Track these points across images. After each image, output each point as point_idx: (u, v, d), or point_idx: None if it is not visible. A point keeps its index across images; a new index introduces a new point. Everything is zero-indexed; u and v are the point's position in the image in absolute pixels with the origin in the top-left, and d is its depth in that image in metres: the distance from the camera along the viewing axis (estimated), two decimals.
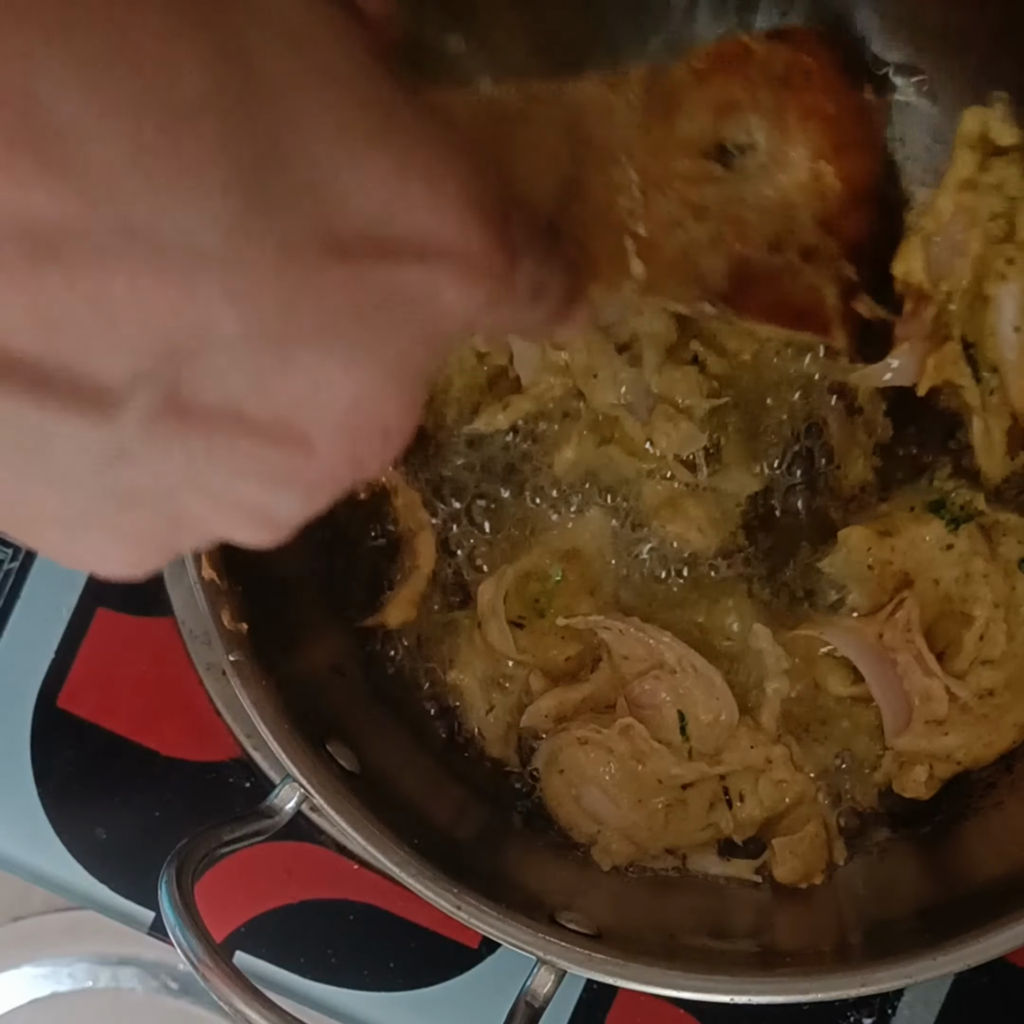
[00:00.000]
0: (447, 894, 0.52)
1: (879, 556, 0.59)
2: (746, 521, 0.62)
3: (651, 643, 0.60)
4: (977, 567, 0.58)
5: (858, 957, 0.54)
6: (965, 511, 0.59)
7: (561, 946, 0.53)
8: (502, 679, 0.63)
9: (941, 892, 0.58)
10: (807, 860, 0.60)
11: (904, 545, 0.59)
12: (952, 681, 0.58)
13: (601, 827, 0.61)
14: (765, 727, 0.60)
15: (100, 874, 0.66)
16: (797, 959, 0.55)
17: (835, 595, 0.61)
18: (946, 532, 0.59)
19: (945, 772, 0.60)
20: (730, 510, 0.62)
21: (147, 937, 0.66)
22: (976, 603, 0.58)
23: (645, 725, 0.60)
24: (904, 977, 0.52)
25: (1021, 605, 0.59)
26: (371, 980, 0.66)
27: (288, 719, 0.53)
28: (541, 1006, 0.53)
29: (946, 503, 0.60)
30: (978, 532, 0.59)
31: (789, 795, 0.61)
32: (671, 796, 0.60)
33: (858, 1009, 0.64)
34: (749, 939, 0.58)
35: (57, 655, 0.66)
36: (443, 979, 0.65)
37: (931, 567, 0.59)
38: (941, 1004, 0.63)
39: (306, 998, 0.66)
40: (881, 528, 0.60)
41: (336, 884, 0.66)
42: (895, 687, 0.59)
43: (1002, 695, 0.59)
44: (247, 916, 0.66)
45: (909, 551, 0.59)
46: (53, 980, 0.68)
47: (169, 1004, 0.68)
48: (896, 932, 0.56)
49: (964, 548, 0.59)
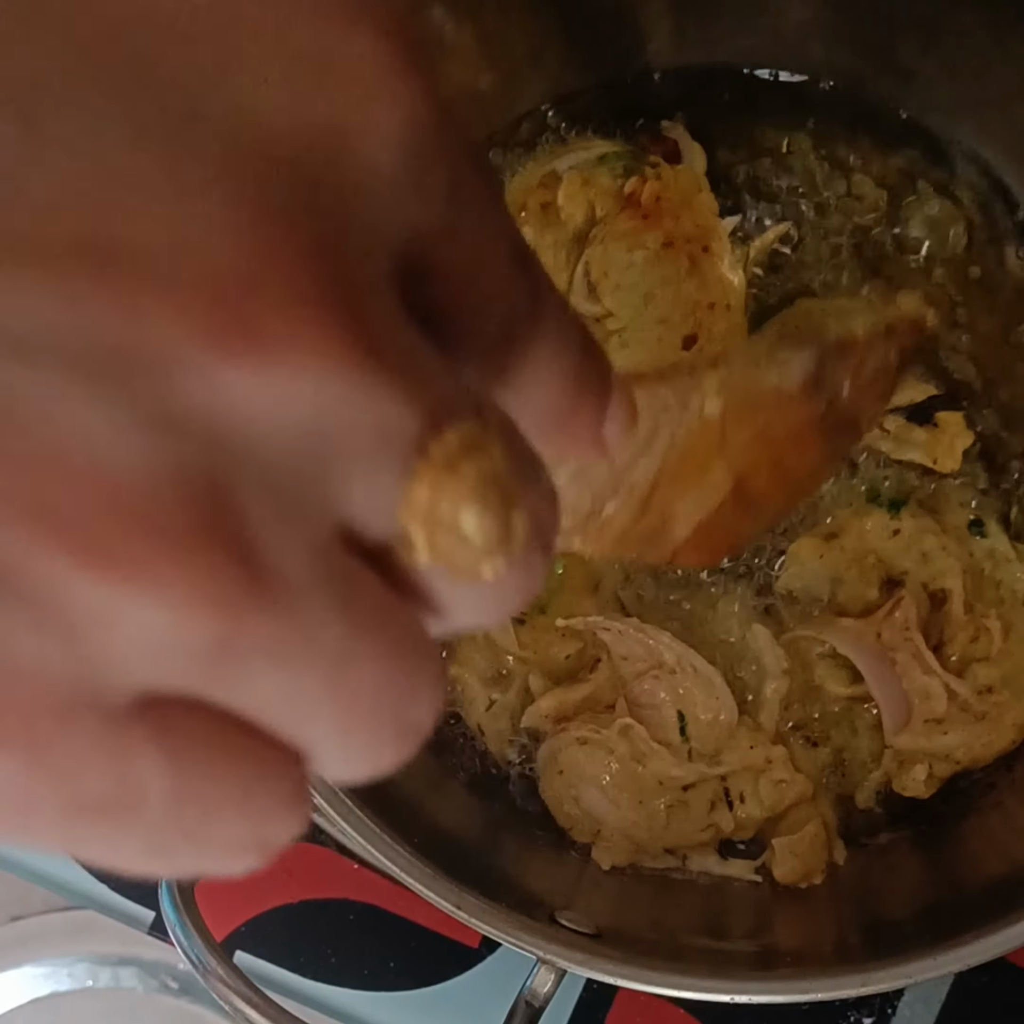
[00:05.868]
0: (447, 894, 0.52)
1: (832, 559, 0.60)
2: None
3: (650, 643, 0.60)
4: (930, 543, 0.59)
5: (858, 957, 0.54)
6: (900, 493, 0.60)
7: (561, 946, 0.53)
8: (502, 676, 0.63)
9: (941, 892, 0.58)
10: (807, 860, 0.61)
11: (852, 542, 0.60)
12: (951, 678, 0.58)
13: (601, 827, 0.61)
14: (765, 727, 0.61)
15: (100, 874, 0.66)
16: (797, 959, 0.55)
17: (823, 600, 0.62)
18: (889, 519, 0.60)
19: (944, 771, 0.60)
20: None
21: (147, 937, 0.66)
22: (946, 576, 0.59)
23: (645, 725, 0.60)
24: (904, 977, 0.52)
25: (983, 568, 0.60)
26: (371, 980, 0.66)
27: None
28: (541, 1006, 0.53)
29: (880, 491, 0.60)
30: (920, 510, 0.60)
31: (789, 795, 0.61)
32: (672, 797, 0.60)
33: (858, 1009, 0.64)
34: (749, 939, 0.58)
35: None
36: (443, 979, 0.65)
37: (895, 557, 0.60)
38: (941, 1004, 0.63)
39: (306, 998, 0.66)
40: (826, 532, 0.60)
41: (336, 884, 0.66)
42: (894, 686, 0.59)
43: (1001, 693, 0.59)
44: (247, 916, 0.66)
45: (859, 546, 0.60)
46: (53, 980, 0.68)
47: (169, 1004, 0.68)
48: (896, 932, 0.56)
49: (911, 529, 0.59)
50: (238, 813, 0.18)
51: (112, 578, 0.15)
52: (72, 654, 0.16)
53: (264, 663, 0.17)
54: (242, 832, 0.19)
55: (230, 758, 0.18)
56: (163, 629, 0.16)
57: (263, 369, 0.16)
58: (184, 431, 0.16)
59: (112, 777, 0.17)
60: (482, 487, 0.18)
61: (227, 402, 0.16)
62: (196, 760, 0.17)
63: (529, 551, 0.19)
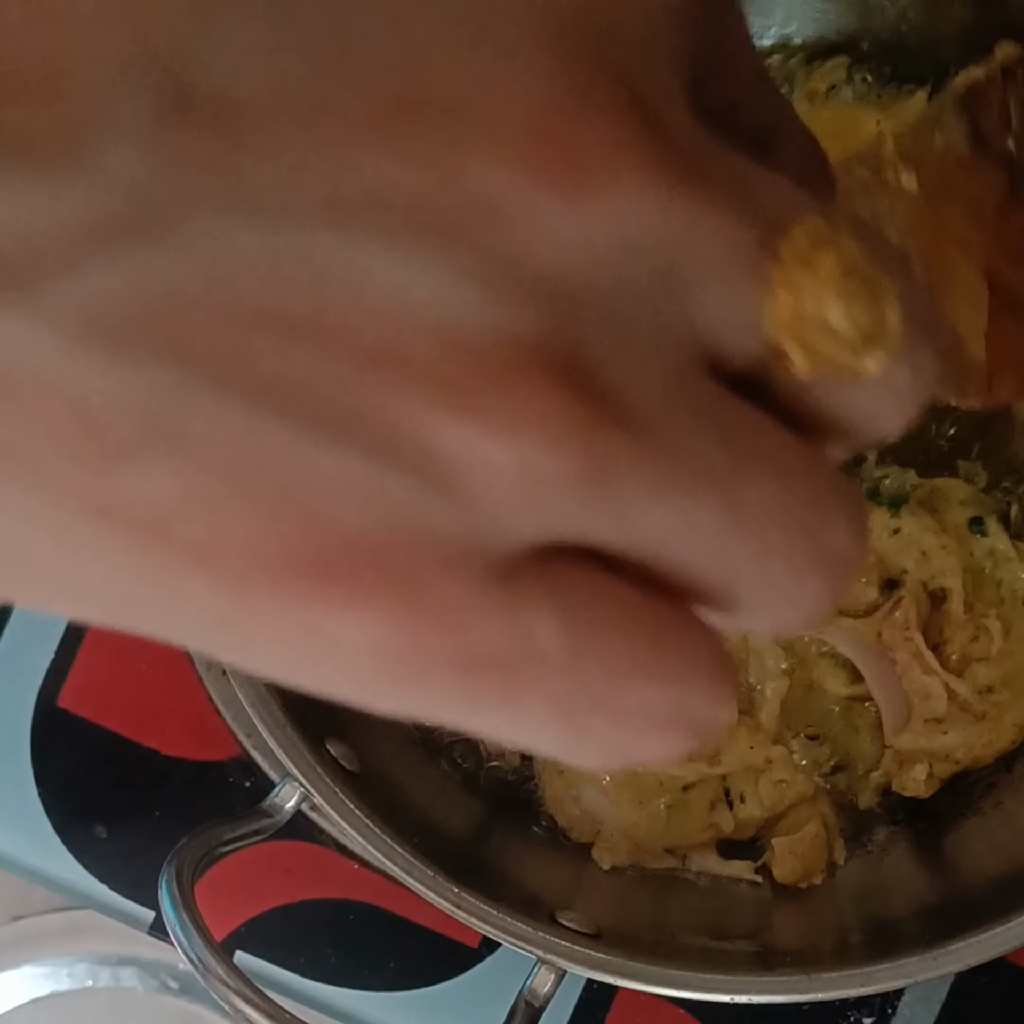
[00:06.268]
0: (447, 894, 0.52)
1: None
2: None
3: None
4: (930, 542, 0.59)
5: (858, 957, 0.54)
6: (900, 491, 0.60)
7: (561, 946, 0.53)
8: None
9: (941, 892, 0.58)
10: (807, 860, 0.60)
11: None
12: (951, 678, 0.58)
13: (601, 827, 0.61)
14: (765, 727, 0.60)
15: (100, 874, 0.66)
16: (797, 959, 0.55)
17: None
18: (889, 518, 0.59)
19: (945, 771, 0.60)
20: None
21: (147, 937, 0.66)
22: (945, 575, 0.59)
23: None
24: (904, 977, 0.52)
25: (983, 567, 0.60)
26: (371, 980, 0.66)
27: (288, 718, 0.53)
28: (541, 1006, 0.53)
29: (880, 489, 0.60)
30: (920, 508, 0.60)
31: (789, 795, 0.61)
32: (672, 797, 0.60)
33: (858, 1009, 0.64)
34: (749, 939, 0.58)
35: (57, 655, 0.66)
36: (443, 979, 0.65)
37: (894, 556, 0.60)
38: (941, 1004, 0.63)
39: (306, 998, 0.66)
40: None
41: (336, 884, 0.66)
42: (894, 686, 0.59)
43: (1001, 693, 0.59)
44: (247, 916, 0.66)
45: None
46: (53, 980, 0.68)
47: (169, 1004, 0.68)
48: (896, 932, 0.56)
49: (911, 528, 0.59)
50: (650, 677, 0.17)
51: (474, 416, 0.15)
52: (450, 501, 0.16)
53: (646, 494, 0.16)
54: (661, 702, 0.17)
55: (633, 614, 0.17)
56: (533, 464, 0.16)
57: (595, 203, 0.16)
58: (522, 277, 0.16)
59: (506, 632, 0.16)
60: (843, 277, 0.17)
61: (563, 242, 0.16)
62: (595, 615, 0.17)
63: (911, 343, 0.18)
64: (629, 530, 0.17)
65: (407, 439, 0.15)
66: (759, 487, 0.17)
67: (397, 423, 0.15)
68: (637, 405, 0.16)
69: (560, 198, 0.16)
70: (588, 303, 0.16)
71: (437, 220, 0.16)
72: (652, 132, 0.16)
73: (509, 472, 0.16)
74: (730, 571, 0.17)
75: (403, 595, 0.16)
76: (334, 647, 0.16)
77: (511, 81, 0.16)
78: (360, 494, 0.15)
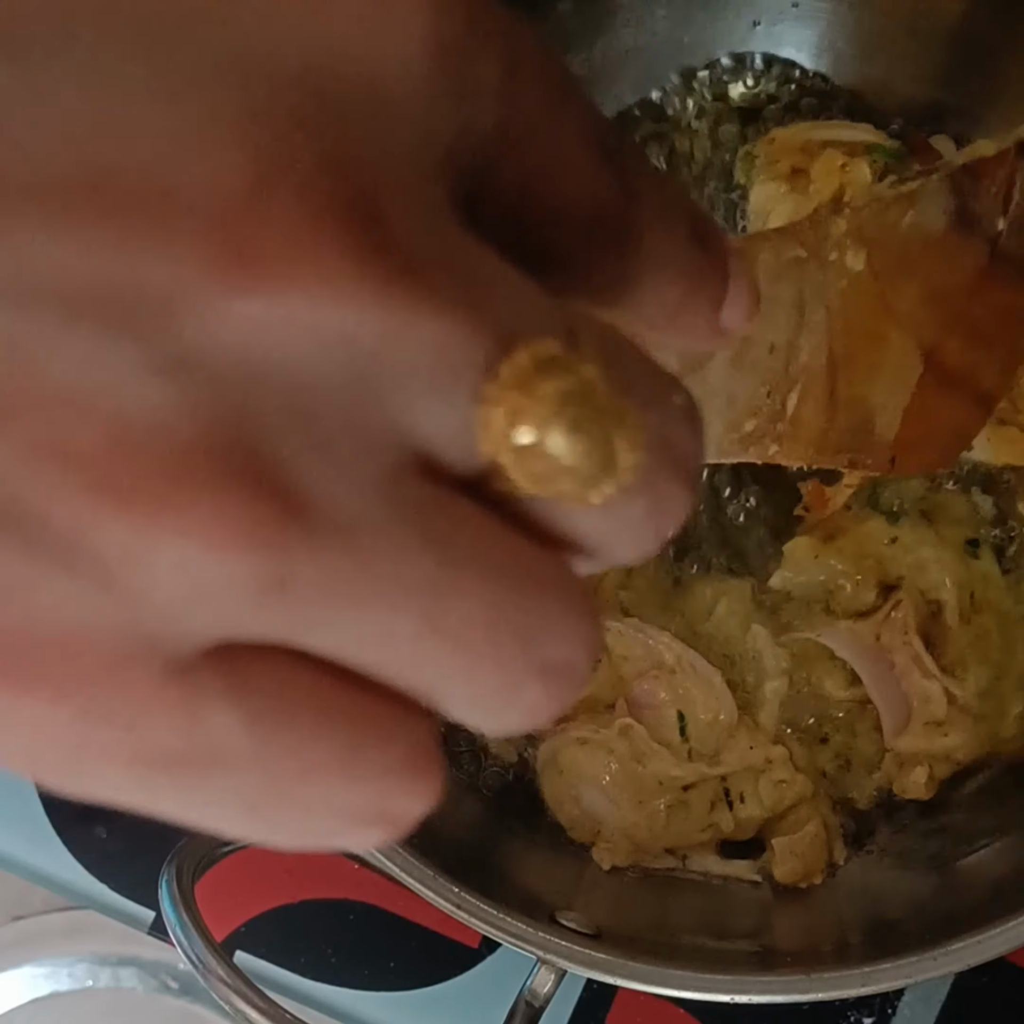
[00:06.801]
0: (447, 894, 0.52)
1: (829, 560, 0.60)
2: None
3: (650, 643, 0.60)
4: (927, 555, 0.59)
5: (858, 957, 0.54)
6: (902, 502, 0.60)
7: (561, 946, 0.53)
8: None
9: (941, 892, 0.58)
10: (807, 860, 0.60)
11: (850, 545, 0.60)
12: (950, 682, 0.58)
13: (601, 827, 0.61)
14: (764, 727, 0.60)
15: (100, 874, 0.66)
16: (797, 959, 0.55)
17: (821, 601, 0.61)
18: (888, 526, 0.59)
19: (944, 772, 0.60)
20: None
21: (147, 937, 0.66)
22: (940, 589, 0.59)
23: (644, 725, 0.60)
24: (904, 977, 0.52)
25: (977, 583, 0.59)
26: (371, 980, 0.66)
27: None
28: (541, 1006, 0.53)
29: (880, 497, 0.60)
30: (920, 520, 0.59)
31: (789, 795, 0.61)
32: (672, 797, 0.60)
33: (858, 1009, 0.64)
34: (749, 939, 0.58)
35: None
36: (443, 979, 0.65)
37: (891, 563, 0.60)
38: (941, 1004, 0.63)
39: (306, 998, 0.66)
40: (824, 534, 0.60)
41: (336, 884, 0.66)
42: (893, 689, 0.59)
43: (1000, 694, 0.59)
44: (247, 916, 0.66)
45: (857, 550, 0.60)
46: (53, 980, 0.68)
47: (169, 1004, 0.68)
48: (896, 932, 0.56)
49: (909, 539, 0.59)
50: (343, 776, 0.16)
51: (137, 515, 0.15)
52: (112, 600, 0.15)
53: (330, 601, 0.15)
54: (353, 798, 0.17)
55: (324, 707, 0.16)
56: (202, 568, 0.15)
57: (266, 297, 0.15)
58: (196, 369, 0.15)
59: (181, 728, 0.16)
60: (563, 406, 0.16)
61: (236, 336, 0.15)
62: (279, 708, 0.16)
63: (651, 478, 0.17)
64: (316, 633, 0.16)
65: (59, 538, 0.15)
66: (468, 595, 0.16)
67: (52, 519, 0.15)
68: (325, 507, 0.15)
69: (226, 292, 0.15)
70: (266, 398, 0.15)
71: (118, 311, 0.15)
72: (356, 224, 0.15)
73: (168, 575, 0.15)
74: (435, 677, 0.16)
75: (74, 690, 0.15)
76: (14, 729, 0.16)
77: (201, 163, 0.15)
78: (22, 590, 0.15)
